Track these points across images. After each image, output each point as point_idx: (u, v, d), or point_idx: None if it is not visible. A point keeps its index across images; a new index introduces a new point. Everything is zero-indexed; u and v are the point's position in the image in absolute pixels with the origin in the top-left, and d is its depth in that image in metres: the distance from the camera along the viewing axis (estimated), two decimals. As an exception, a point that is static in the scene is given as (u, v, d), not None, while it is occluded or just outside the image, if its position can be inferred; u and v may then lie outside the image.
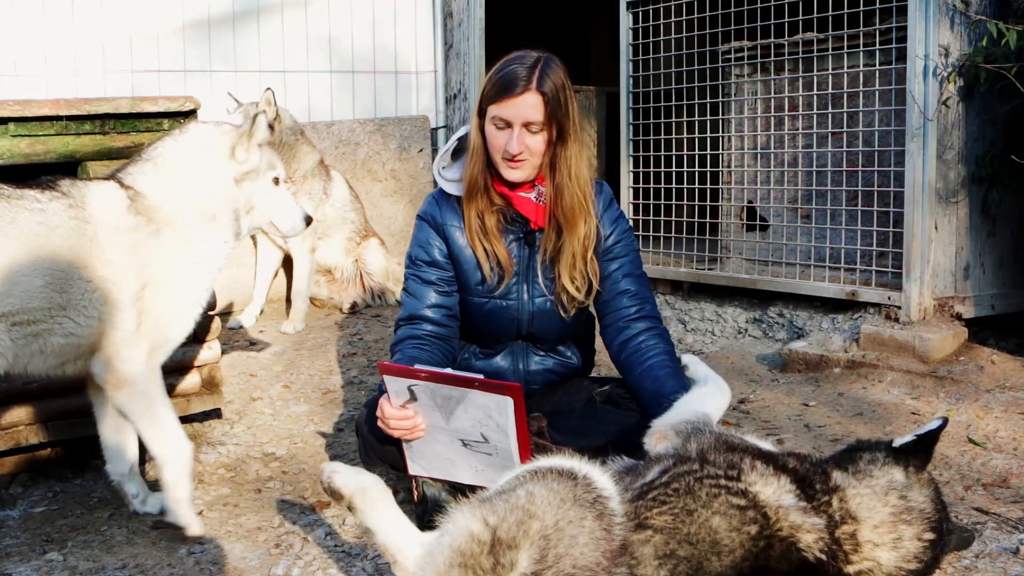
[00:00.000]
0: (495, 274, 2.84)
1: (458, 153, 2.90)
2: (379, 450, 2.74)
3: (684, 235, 5.48)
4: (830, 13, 4.61)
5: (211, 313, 3.36)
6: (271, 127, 5.43)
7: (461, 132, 2.93)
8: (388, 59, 6.57)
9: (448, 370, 2.43)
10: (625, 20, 5.65)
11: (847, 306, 4.63)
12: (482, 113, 2.73)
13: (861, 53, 4.63)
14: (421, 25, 6.69)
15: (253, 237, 5.82)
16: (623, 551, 1.86)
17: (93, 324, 2.63)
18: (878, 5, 4.44)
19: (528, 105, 2.65)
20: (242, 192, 2.81)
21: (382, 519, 2.10)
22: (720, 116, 5.41)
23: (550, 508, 1.86)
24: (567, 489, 1.90)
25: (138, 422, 2.73)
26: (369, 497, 2.12)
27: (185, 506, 2.76)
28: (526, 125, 2.66)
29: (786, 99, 5.06)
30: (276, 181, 2.89)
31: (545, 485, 1.91)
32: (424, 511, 2.63)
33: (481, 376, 2.31)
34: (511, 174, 2.74)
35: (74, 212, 2.62)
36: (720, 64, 5.34)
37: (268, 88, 5.44)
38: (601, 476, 1.99)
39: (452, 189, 2.86)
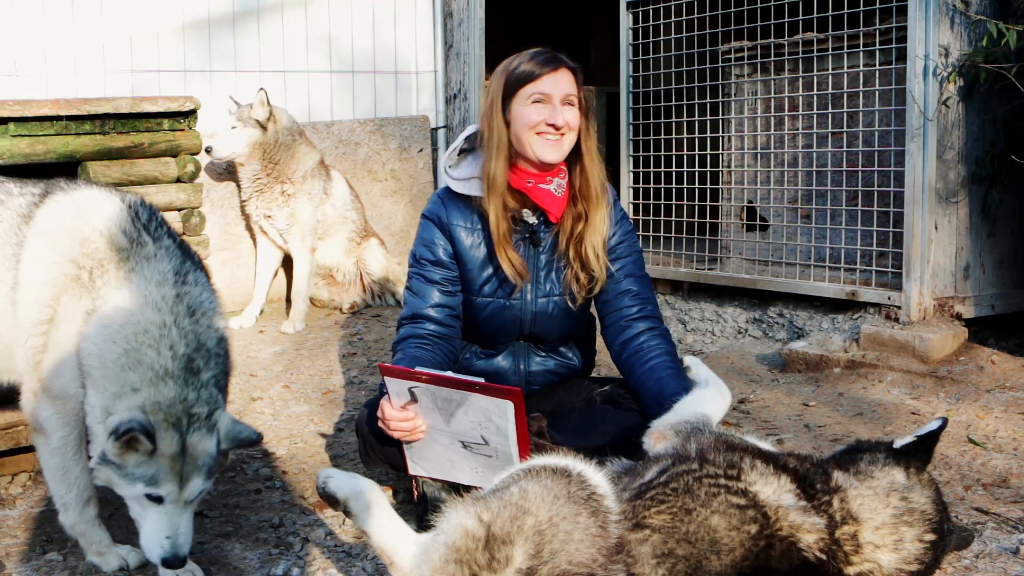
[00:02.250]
0: (510, 280, 2.84)
1: (464, 153, 2.90)
2: (379, 450, 2.74)
3: (684, 235, 5.48)
4: (830, 13, 4.60)
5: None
6: (264, 127, 5.44)
7: (468, 131, 2.93)
8: (388, 59, 6.57)
9: (449, 373, 2.43)
10: (625, 20, 5.65)
11: (847, 306, 4.63)
12: (508, 99, 2.75)
13: (861, 53, 4.63)
14: (421, 25, 6.69)
15: (253, 237, 5.83)
16: (620, 549, 1.86)
17: (12, 334, 2.42)
18: (878, 5, 4.44)
19: (566, 79, 2.76)
20: None
21: (377, 521, 2.10)
22: (720, 116, 5.41)
23: (544, 504, 1.87)
24: (560, 486, 1.91)
25: (47, 475, 2.54)
26: (364, 501, 2.12)
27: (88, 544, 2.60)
28: (564, 99, 2.74)
29: (786, 99, 5.06)
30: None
31: (539, 482, 1.92)
32: (424, 511, 2.63)
33: (482, 379, 2.31)
34: (548, 153, 2.73)
35: (25, 210, 2.42)
36: (720, 64, 5.34)
37: (261, 88, 5.45)
38: (595, 474, 1.99)
39: (459, 188, 2.85)
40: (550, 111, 2.71)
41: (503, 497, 1.90)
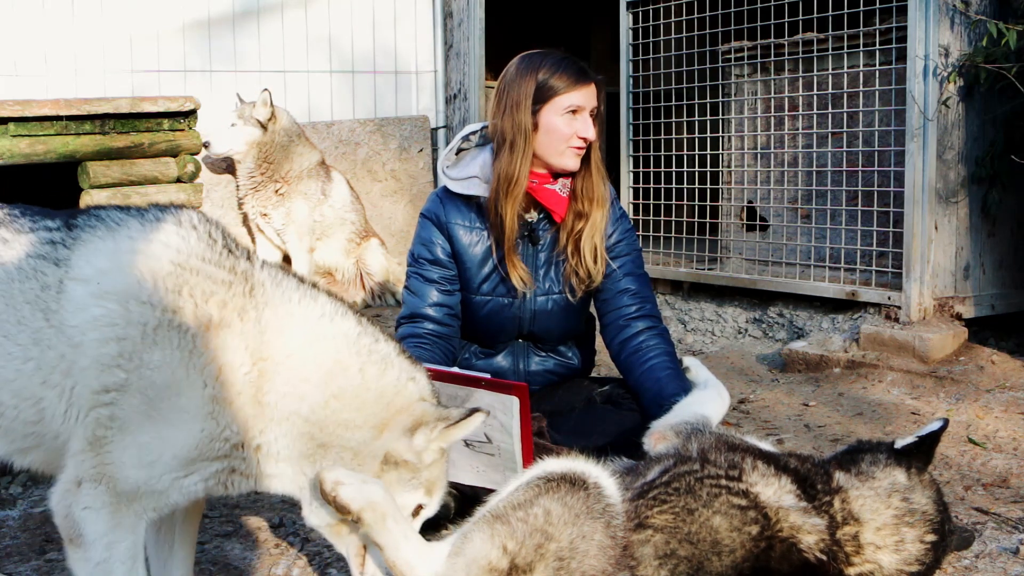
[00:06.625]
0: (517, 288, 2.85)
1: (462, 152, 2.91)
2: (379, 450, 2.73)
3: (684, 235, 5.48)
4: (830, 13, 4.61)
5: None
6: (264, 127, 5.45)
7: (466, 130, 2.94)
8: (388, 59, 6.57)
9: (455, 369, 2.43)
10: (625, 20, 5.65)
11: (847, 306, 4.63)
12: (540, 103, 2.76)
13: (861, 53, 4.63)
14: (421, 25, 6.68)
15: (252, 237, 5.83)
16: (625, 553, 1.87)
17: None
18: (878, 5, 4.44)
19: (595, 93, 2.81)
20: None
21: (392, 535, 1.95)
22: (720, 116, 5.41)
23: (566, 527, 1.86)
24: (580, 502, 1.90)
25: None
26: (379, 511, 1.95)
27: None
28: (592, 112, 2.79)
29: (786, 99, 5.06)
30: None
31: (560, 500, 1.90)
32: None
33: (487, 375, 2.31)
34: (572, 162, 2.80)
35: (55, 238, 1.82)
36: (720, 64, 5.34)
37: (265, 89, 5.46)
38: (609, 480, 1.99)
39: (458, 188, 2.86)
40: (582, 124, 2.76)
41: (527, 520, 1.88)
